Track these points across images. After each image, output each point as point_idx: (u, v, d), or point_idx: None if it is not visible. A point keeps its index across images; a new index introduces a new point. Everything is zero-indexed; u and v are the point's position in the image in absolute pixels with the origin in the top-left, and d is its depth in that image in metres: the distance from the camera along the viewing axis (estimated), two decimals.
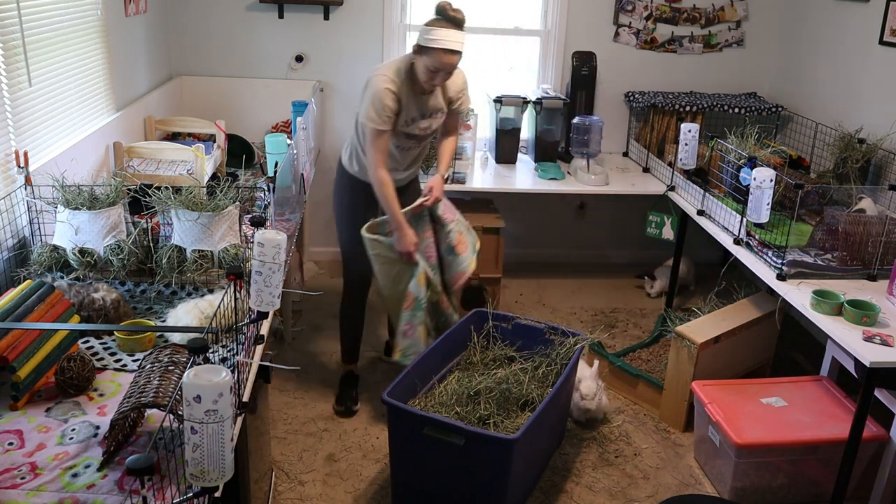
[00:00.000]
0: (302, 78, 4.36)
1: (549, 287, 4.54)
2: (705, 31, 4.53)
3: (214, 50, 4.29)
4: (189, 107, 4.23)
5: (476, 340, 3.15)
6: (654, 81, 4.59)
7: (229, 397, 1.24)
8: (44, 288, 2.00)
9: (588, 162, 4.08)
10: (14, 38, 2.43)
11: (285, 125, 4.19)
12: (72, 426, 1.70)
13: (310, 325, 3.97)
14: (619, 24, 4.49)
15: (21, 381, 1.75)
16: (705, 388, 2.95)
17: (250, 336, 2.06)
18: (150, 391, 1.60)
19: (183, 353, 1.78)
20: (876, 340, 2.40)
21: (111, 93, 3.30)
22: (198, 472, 1.26)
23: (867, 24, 3.71)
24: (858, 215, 2.90)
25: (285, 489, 2.79)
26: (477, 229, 3.92)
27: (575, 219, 4.82)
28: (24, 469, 1.56)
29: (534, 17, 4.52)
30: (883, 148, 3.45)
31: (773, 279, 2.80)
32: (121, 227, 2.36)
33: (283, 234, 1.80)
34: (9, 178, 2.40)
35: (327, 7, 4.23)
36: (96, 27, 3.15)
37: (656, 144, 4.37)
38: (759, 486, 2.78)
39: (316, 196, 4.59)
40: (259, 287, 1.81)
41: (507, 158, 4.35)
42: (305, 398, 3.34)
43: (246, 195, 2.66)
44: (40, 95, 2.64)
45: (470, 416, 2.75)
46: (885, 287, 2.71)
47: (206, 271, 2.34)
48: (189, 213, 2.31)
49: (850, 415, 2.72)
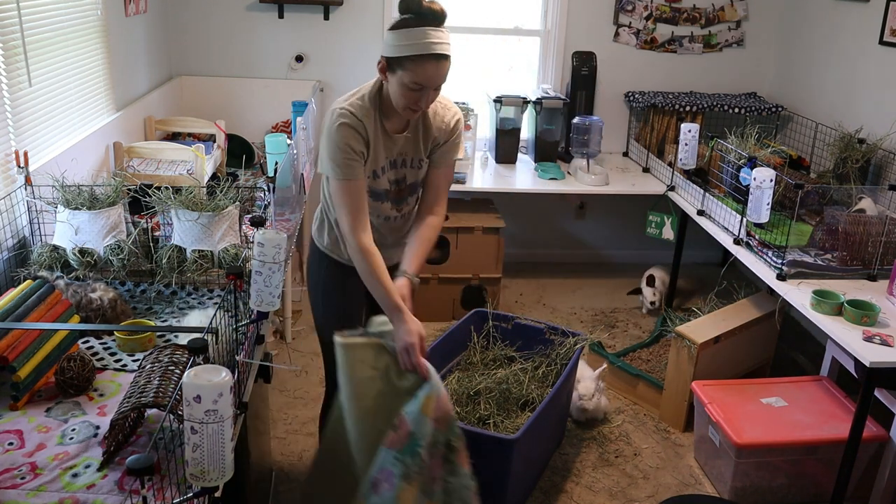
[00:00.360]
0: (302, 78, 4.36)
1: (549, 287, 4.54)
2: (705, 31, 4.53)
3: (214, 50, 4.29)
4: (189, 107, 4.23)
5: (476, 340, 3.15)
6: (654, 81, 4.59)
7: (229, 397, 1.24)
8: (44, 288, 2.00)
9: (588, 162, 4.08)
10: (14, 38, 2.43)
11: (285, 125, 4.20)
12: (72, 426, 1.70)
13: (310, 325, 3.96)
14: (619, 24, 4.49)
15: (21, 381, 1.75)
16: (705, 388, 2.95)
17: (250, 336, 2.06)
18: (150, 391, 1.60)
19: (183, 353, 1.78)
20: (876, 340, 2.40)
21: (111, 93, 3.30)
22: (198, 472, 1.26)
23: (867, 24, 3.70)
24: (858, 215, 2.90)
25: (285, 489, 2.79)
26: (477, 229, 3.95)
27: (575, 219, 4.82)
28: (24, 469, 1.56)
29: (534, 17, 4.52)
30: (883, 148, 3.45)
31: (773, 279, 2.80)
32: (121, 227, 2.36)
33: (283, 234, 1.81)
34: (9, 178, 2.40)
35: (327, 7, 4.23)
36: (96, 27, 3.15)
37: (656, 144, 4.37)
38: (759, 486, 2.78)
39: (316, 196, 4.56)
40: (259, 287, 1.81)
41: (507, 158, 4.35)
42: (305, 398, 3.34)
43: (246, 195, 2.67)
44: (40, 95, 2.64)
45: (470, 416, 2.75)
46: (885, 287, 2.70)
47: (206, 271, 2.34)
48: (189, 213, 2.31)
49: (850, 415, 2.72)
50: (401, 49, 1.93)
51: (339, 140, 2.00)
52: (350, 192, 2.02)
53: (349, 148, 2.00)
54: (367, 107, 2.05)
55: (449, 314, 4.03)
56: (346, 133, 2.00)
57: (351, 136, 2.01)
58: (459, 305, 4.05)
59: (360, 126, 2.02)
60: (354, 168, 2.02)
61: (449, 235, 3.91)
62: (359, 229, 2.02)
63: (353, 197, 2.03)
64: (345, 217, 2.03)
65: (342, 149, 2.00)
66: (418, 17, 1.93)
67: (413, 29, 1.92)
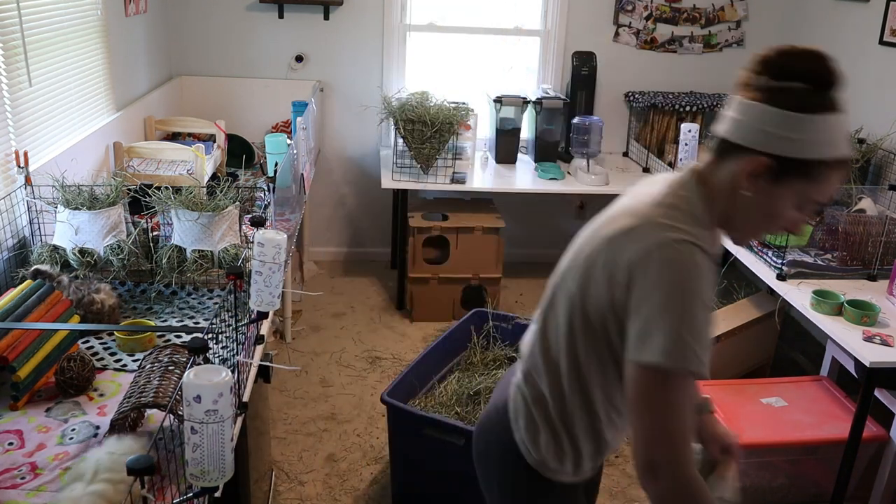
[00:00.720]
0: (302, 78, 4.36)
1: None
2: (705, 31, 4.53)
3: (214, 50, 4.29)
4: (189, 107, 4.23)
5: (476, 340, 3.15)
6: (654, 81, 4.58)
7: (229, 397, 1.24)
8: (44, 288, 2.00)
9: (588, 162, 4.08)
10: (14, 38, 2.43)
11: (285, 125, 4.20)
12: (72, 426, 1.70)
13: (310, 325, 3.96)
14: (619, 24, 4.49)
15: (21, 381, 1.75)
16: (705, 388, 2.94)
17: (250, 336, 2.06)
18: (150, 391, 1.60)
19: (183, 353, 1.78)
20: (876, 340, 2.40)
21: (111, 93, 3.30)
22: (198, 472, 1.26)
23: (867, 24, 3.70)
24: (858, 215, 2.90)
25: (285, 489, 2.79)
26: (477, 229, 3.95)
27: (575, 219, 4.82)
28: (24, 469, 1.56)
29: (534, 17, 4.52)
30: (883, 148, 3.45)
31: (773, 279, 2.80)
32: (121, 227, 2.36)
33: (283, 234, 1.80)
34: (9, 178, 2.40)
35: (327, 7, 4.23)
36: (96, 27, 3.15)
37: (656, 144, 4.37)
38: (759, 486, 2.78)
39: (316, 196, 4.59)
40: (259, 287, 1.81)
41: (507, 158, 4.35)
42: (305, 398, 3.34)
43: (246, 195, 2.66)
44: (40, 95, 2.64)
45: (470, 416, 2.75)
46: (885, 287, 2.70)
47: (206, 271, 2.34)
48: (189, 213, 2.31)
49: (850, 415, 2.71)
50: (820, 148, 1.20)
51: (700, 298, 1.19)
52: (689, 390, 1.21)
53: (708, 309, 1.23)
54: (706, 235, 1.27)
55: (449, 314, 4.03)
56: (706, 286, 1.22)
57: (708, 288, 1.23)
58: (459, 305, 4.05)
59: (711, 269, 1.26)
60: (707, 347, 1.20)
61: (449, 235, 3.92)
62: (689, 453, 1.22)
63: (690, 399, 1.23)
64: (665, 431, 1.20)
65: (703, 318, 1.20)
66: (829, 95, 1.21)
67: (835, 116, 1.21)
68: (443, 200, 4.22)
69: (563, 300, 1.37)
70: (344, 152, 4.57)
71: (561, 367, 1.37)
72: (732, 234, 1.34)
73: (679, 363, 1.16)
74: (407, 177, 3.91)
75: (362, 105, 4.37)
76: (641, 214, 1.26)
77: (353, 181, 4.64)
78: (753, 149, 1.23)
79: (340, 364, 3.60)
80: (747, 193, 1.25)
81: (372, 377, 3.52)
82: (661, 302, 1.18)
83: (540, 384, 1.42)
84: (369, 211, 4.71)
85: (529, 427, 1.44)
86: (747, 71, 1.29)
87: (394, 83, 4.40)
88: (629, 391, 1.23)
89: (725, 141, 1.27)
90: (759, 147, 1.22)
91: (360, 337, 3.86)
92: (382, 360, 3.66)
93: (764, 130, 1.21)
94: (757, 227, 1.32)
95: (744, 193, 1.25)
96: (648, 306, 1.19)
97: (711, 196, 1.29)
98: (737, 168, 1.25)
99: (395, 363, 3.62)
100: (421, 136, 3.80)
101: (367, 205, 4.69)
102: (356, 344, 3.79)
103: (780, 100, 1.21)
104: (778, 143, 1.21)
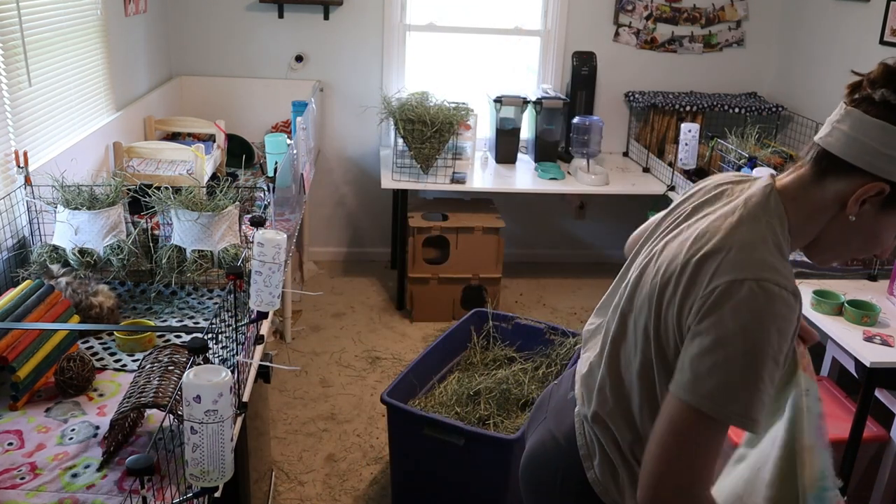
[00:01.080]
0: (302, 78, 4.36)
1: (549, 287, 4.54)
2: (705, 31, 4.53)
3: (214, 50, 4.29)
4: (189, 107, 4.23)
5: (476, 340, 3.15)
6: (654, 81, 4.59)
7: (229, 397, 1.23)
8: (43, 288, 2.00)
9: (588, 162, 4.08)
10: (14, 38, 2.43)
11: (285, 125, 4.20)
12: (71, 426, 1.70)
13: (310, 325, 3.96)
14: (619, 24, 4.49)
15: (21, 381, 1.75)
16: None
17: (250, 336, 2.06)
18: (150, 391, 1.60)
19: (183, 353, 1.78)
20: (876, 340, 2.40)
21: (111, 93, 3.30)
22: (198, 473, 1.26)
23: (867, 24, 3.70)
24: None
25: (285, 489, 2.79)
26: (477, 229, 3.95)
27: (575, 219, 4.82)
28: (23, 469, 1.56)
29: (534, 17, 4.52)
30: None
31: None
32: (121, 227, 2.36)
33: (283, 234, 1.80)
34: (9, 178, 2.40)
35: (327, 7, 4.23)
36: (96, 27, 3.15)
37: (656, 144, 4.37)
38: None
39: (316, 196, 4.59)
40: (259, 287, 1.81)
41: (507, 158, 4.35)
42: (305, 398, 3.34)
43: (246, 195, 2.66)
44: (40, 95, 2.64)
45: (470, 417, 2.75)
46: (885, 287, 2.70)
47: (205, 271, 2.34)
48: (189, 213, 2.31)
49: (850, 415, 2.71)
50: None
51: (772, 354, 1.10)
52: (723, 437, 1.17)
53: (779, 366, 1.13)
54: (790, 266, 1.17)
55: (449, 314, 4.03)
56: (782, 339, 1.11)
57: (785, 340, 1.12)
58: (459, 305, 4.05)
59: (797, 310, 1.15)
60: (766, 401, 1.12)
61: (449, 235, 3.92)
62: (710, 480, 1.17)
63: (722, 442, 1.17)
64: (691, 470, 1.14)
65: (769, 377, 1.11)
66: None
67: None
68: (443, 200, 4.22)
69: (635, 329, 1.26)
70: (344, 152, 4.57)
71: (633, 403, 1.29)
72: (817, 256, 1.25)
73: (724, 417, 1.11)
74: (407, 177, 3.91)
75: (362, 105, 4.38)
76: (725, 242, 1.15)
77: (352, 181, 4.64)
78: (867, 171, 1.12)
79: (340, 364, 3.61)
80: (853, 218, 1.15)
81: (372, 377, 3.52)
82: (729, 351, 1.09)
83: (612, 425, 1.32)
84: (369, 211, 4.71)
85: (606, 468, 1.35)
86: (861, 77, 1.23)
87: (394, 83, 4.40)
88: (661, 422, 1.15)
89: (831, 156, 1.17)
90: (878, 172, 1.12)
91: (360, 337, 3.86)
92: (382, 360, 3.66)
93: (886, 155, 1.11)
94: (849, 251, 1.23)
95: (849, 217, 1.16)
96: (713, 346, 1.10)
97: (803, 217, 1.19)
98: (847, 190, 1.14)
99: (395, 363, 3.62)
100: (421, 136, 3.80)
101: (367, 205, 4.69)
102: (356, 344, 3.79)
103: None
104: (886, 157, 1.11)
